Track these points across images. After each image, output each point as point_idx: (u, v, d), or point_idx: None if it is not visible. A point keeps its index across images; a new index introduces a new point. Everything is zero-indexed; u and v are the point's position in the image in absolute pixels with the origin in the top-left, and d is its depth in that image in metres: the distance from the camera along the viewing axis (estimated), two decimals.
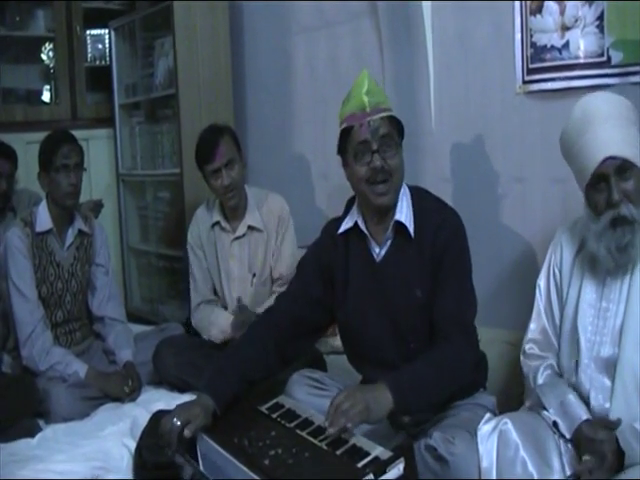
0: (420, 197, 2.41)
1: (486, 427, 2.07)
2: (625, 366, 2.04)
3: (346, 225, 2.44)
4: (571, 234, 2.30)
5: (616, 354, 2.07)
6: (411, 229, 2.34)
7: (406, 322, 2.35)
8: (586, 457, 1.95)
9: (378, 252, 2.40)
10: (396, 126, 2.33)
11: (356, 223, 2.41)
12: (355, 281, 2.42)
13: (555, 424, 2.09)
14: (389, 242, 2.38)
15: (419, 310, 2.32)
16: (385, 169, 2.26)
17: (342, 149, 2.36)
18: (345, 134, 2.33)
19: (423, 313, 2.31)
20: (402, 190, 2.38)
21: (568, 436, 2.05)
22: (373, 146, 2.26)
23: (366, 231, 2.40)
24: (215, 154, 3.22)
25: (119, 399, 3.17)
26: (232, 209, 3.36)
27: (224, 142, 3.25)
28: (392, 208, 2.35)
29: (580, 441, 2.00)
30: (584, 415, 2.06)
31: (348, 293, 2.43)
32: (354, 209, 2.45)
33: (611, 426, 1.97)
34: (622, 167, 2.04)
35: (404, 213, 2.35)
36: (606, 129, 2.08)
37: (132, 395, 3.18)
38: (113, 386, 3.19)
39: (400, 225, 2.35)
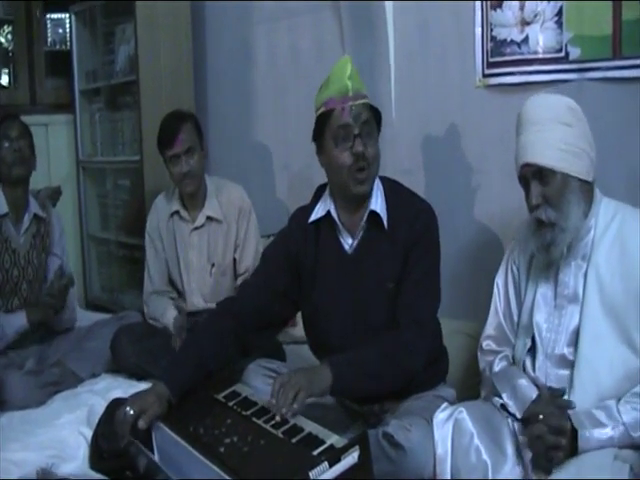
0: (393, 189, 2.39)
1: (442, 415, 2.10)
2: (583, 364, 2.07)
3: (317, 214, 2.39)
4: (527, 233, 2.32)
5: (570, 353, 2.11)
6: (385, 220, 2.31)
7: (376, 314, 2.32)
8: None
9: (350, 243, 2.36)
10: (375, 115, 2.30)
11: (328, 212, 2.37)
12: (324, 272, 2.38)
13: (503, 406, 2.13)
14: (362, 233, 2.35)
15: (389, 302, 2.29)
16: (365, 156, 2.22)
17: (319, 134, 2.30)
18: (323, 118, 2.27)
19: (393, 305, 2.28)
20: (375, 181, 2.35)
21: (519, 415, 2.08)
22: (355, 130, 2.21)
23: (338, 221, 2.36)
24: (175, 140, 3.21)
25: (74, 385, 3.16)
26: (189, 196, 3.34)
27: (186, 129, 3.25)
28: (367, 198, 2.32)
29: (531, 418, 2.04)
30: (534, 395, 2.09)
31: (316, 284, 2.39)
32: (326, 197, 2.40)
33: (562, 404, 2.00)
34: (539, 173, 2.09)
35: (379, 204, 2.32)
36: (528, 134, 2.12)
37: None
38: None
39: (374, 215, 2.32)
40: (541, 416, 1.98)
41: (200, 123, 3.41)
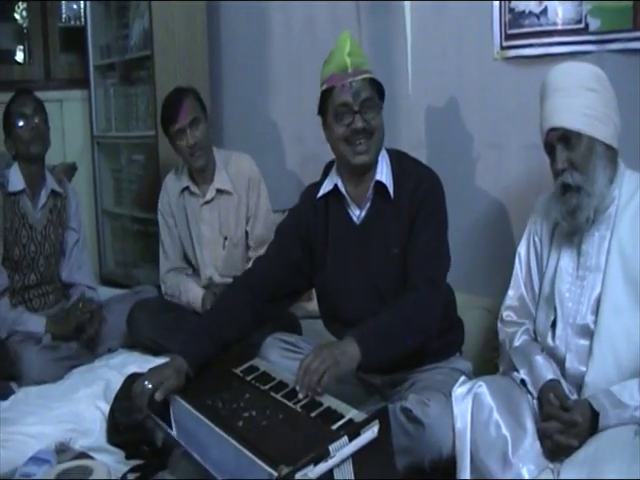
0: (399, 159, 2.42)
1: (460, 389, 2.10)
2: (603, 333, 2.06)
3: (325, 188, 2.43)
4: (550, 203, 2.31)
5: (592, 321, 2.10)
6: (391, 189, 2.34)
7: (385, 283, 2.34)
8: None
9: (358, 214, 2.39)
10: (377, 88, 2.32)
11: (335, 186, 2.40)
12: (334, 244, 2.41)
13: (523, 382, 2.13)
14: (369, 204, 2.38)
15: (397, 270, 2.31)
16: (366, 129, 2.26)
17: (322, 110, 2.34)
18: (326, 95, 2.30)
19: (402, 273, 2.30)
20: (381, 152, 2.37)
21: (535, 395, 2.09)
22: (354, 107, 2.24)
23: (345, 193, 2.39)
24: (178, 113, 3.21)
25: (91, 360, 3.18)
26: (199, 171, 3.33)
27: (187, 102, 3.25)
28: (371, 169, 2.34)
29: (542, 401, 2.05)
30: (549, 376, 2.09)
31: (327, 256, 2.42)
32: (333, 172, 2.44)
33: (565, 405, 1.99)
34: (565, 137, 2.09)
35: (384, 174, 2.35)
36: (553, 100, 2.12)
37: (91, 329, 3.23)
38: (72, 320, 3.20)
39: (380, 186, 2.34)
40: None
41: (214, 98, 3.40)
